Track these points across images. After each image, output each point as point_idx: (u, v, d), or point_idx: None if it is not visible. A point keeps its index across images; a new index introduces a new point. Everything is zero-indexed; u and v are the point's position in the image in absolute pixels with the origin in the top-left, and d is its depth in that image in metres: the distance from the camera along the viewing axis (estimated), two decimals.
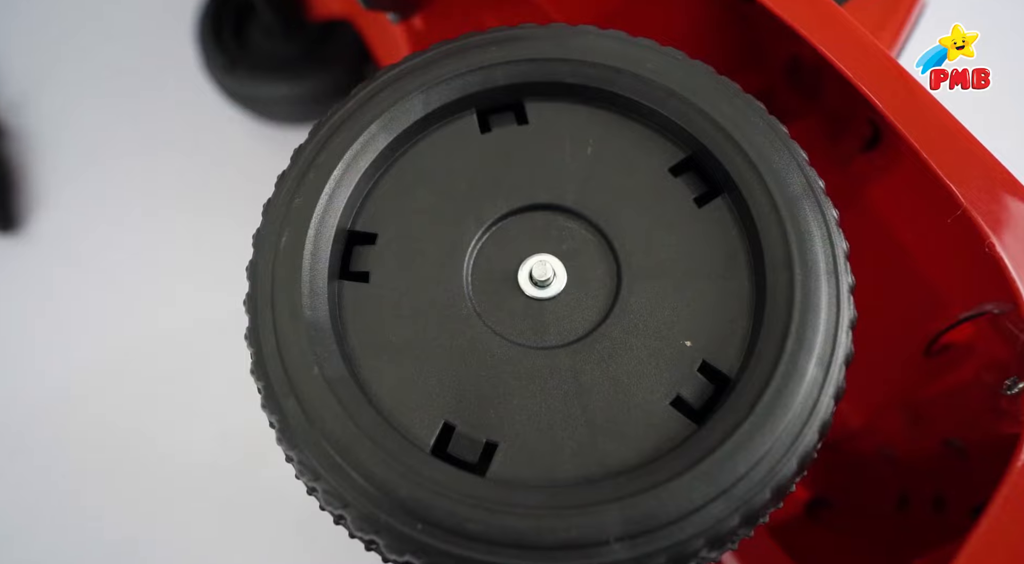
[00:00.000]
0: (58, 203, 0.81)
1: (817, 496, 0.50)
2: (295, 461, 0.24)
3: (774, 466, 0.23)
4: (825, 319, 0.24)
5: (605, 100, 0.29)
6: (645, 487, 0.22)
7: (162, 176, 0.81)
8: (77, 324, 0.75)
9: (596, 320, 0.27)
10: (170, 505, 0.67)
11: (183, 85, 0.82)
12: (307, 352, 0.24)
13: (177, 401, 0.70)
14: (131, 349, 0.73)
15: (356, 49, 0.70)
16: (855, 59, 0.30)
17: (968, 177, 0.28)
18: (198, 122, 0.82)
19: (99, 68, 0.87)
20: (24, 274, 0.78)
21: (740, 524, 0.22)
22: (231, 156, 0.80)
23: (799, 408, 0.23)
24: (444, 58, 0.28)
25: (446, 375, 0.26)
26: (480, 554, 0.22)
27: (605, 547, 0.22)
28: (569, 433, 0.25)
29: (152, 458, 0.69)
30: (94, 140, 0.84)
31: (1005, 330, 0.28)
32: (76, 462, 0.69)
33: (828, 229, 0.26)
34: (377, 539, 0.23)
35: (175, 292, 0.74)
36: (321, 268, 0.26)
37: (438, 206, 0.28)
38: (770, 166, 0.27)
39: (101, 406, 0.71)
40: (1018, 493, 0.24)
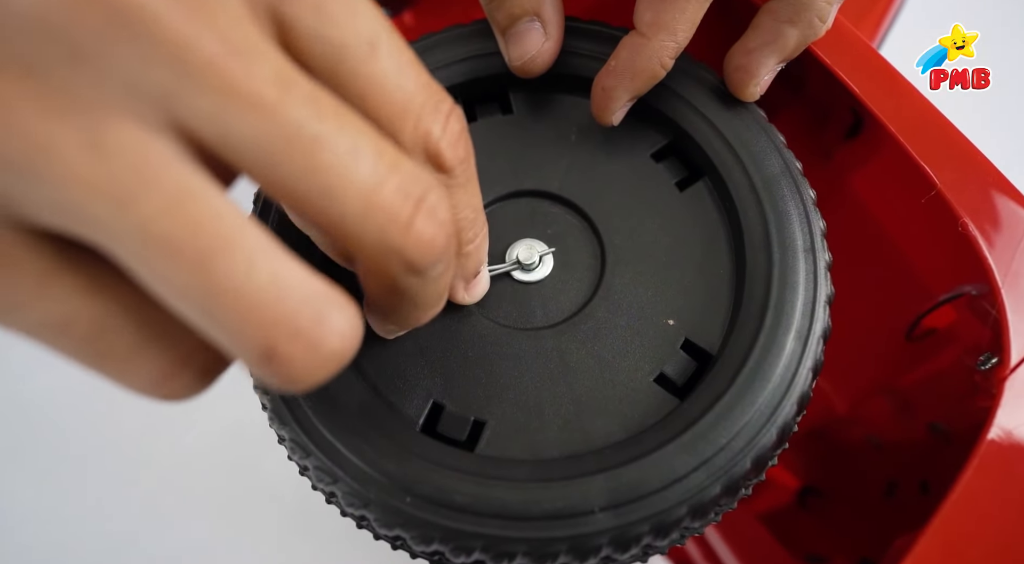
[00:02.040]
0: None
1: (807, 485, 0.50)
2: (287, 440, 0.25)
3: (754, 437, 0.23)
4: (803, 295, 0.25)
5: (587, 89, 0.29)
6: (629, 458, 0.23)
7: None
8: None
9: (581, 301, 0.27)
10: (170, 500, 0.67)
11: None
12: None
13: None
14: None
15: None
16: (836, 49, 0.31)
17: (942, 159, 0.28)
18: None
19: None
20: None
21: (722, 493, 0.23)
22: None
23: (778, 380, 0.24)
24: (429, 50, 0.29)
25: (434, 356, 0.26)
26: (468, 525, 0.22)
27: (590, 516, 0.22)
28: (555, 410, 0.25)
29: (152, 453, 0.69)
30: None
31: (981, 310, 0.29)
32: (77, 458, 0.69)
33: (805, 208, 0.26)
34: (367, 514, 0.23)
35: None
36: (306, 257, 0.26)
37: None
38: (748, 149, 0.27)
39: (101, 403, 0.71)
40: (989, 461, 0.24)
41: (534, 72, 0.29)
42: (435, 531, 0.23)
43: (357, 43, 0.16)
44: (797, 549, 0.46)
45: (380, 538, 0.25)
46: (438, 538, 0.23)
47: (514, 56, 0.29)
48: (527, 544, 0.22)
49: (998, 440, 0.25)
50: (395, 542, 0.25)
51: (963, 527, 0.24)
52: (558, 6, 0.28)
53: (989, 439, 0.25)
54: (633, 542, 0.23)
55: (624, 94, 0.27)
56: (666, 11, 0.26)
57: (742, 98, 0.28)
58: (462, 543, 0.22)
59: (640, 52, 0.27)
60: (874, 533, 0.41)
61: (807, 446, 0.49)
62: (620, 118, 0.28)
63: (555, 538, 0.22)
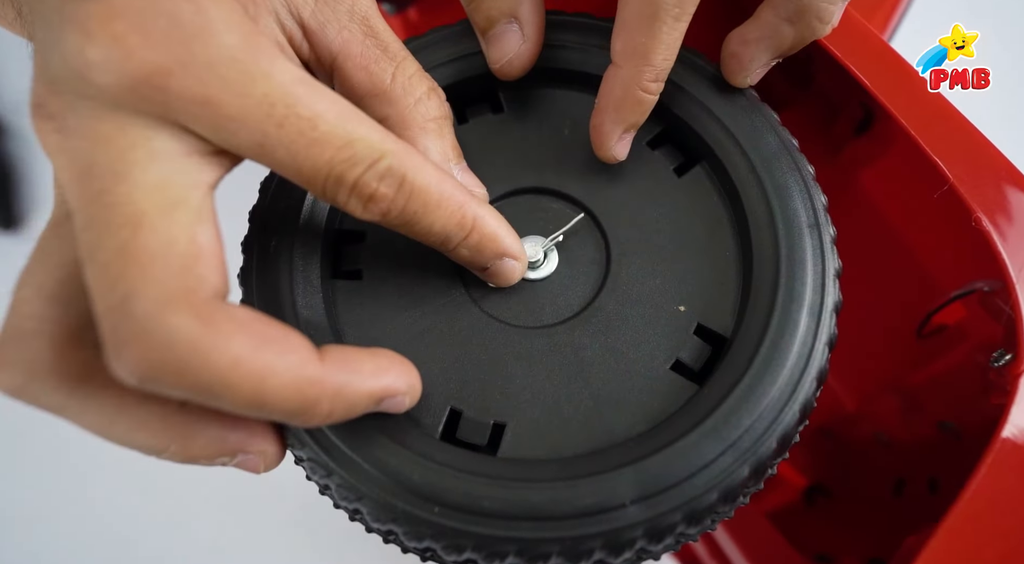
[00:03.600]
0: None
1: (815, 483, 0.50)
2: (305, 461, 0.24)
3: (777, 416, 0.23)
4: (811, 270, 0.25)
5: (577, 82, 0.29)
6: (654, 449, 0.23)
7: None
8: None
9: (590, 295, 0.27)
10: (171, 499, 0.67)
11: None
12: None
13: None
14: None
15: None
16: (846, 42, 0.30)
17: (955, 154, 0.28)
18: None
19: None
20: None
21: (750, 475, 0.23)
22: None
23: (795, 358, 0.24)
24: (415, 53, 0.29)
25: (448, 362, 0.26)
26: (499, 530, 0.22)
27: (622, 510, 0.22)
28: (575, 407, 0.25)
29: None
30: None
31: (994, 307, 0.28)
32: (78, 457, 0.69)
33: (806, 184, 0.26)
34: (395, 528, 0.23)
35: None
36: (312, 269, 0.26)
37: None
38: (744, 129, 0.27)
39: None
40: (1003, 459, 0.24)
41: (513, 74, 0.29)
42: (467, 539, 0.22)
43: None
44: (806, 549, 0.46)
45: (408, 551, 0.25)
46: (470, 546, 0.22)
47: (493, 58, 0.28)
48: (560, 544, 0.22)
49: (1013, 438, 0.25)
50: (425, 554, 0.25)
51: (977, 526, 0.24)
52: (537, 6, 0.28)
53: (1004, 437, 0.24)
54: (667, 532, 0.22)
55: (615, 128, 0.27)
56: (636, 38, 0.25)
57: (732, 84, 0.28)
58: (495, 549, 0.22)
59: (616, 83, 0.26)
60: (883, 532, 0.41)
61: (815, 445, 0.48)
62: (624, 152, 0.28)
63: (588, 535, 0.22)
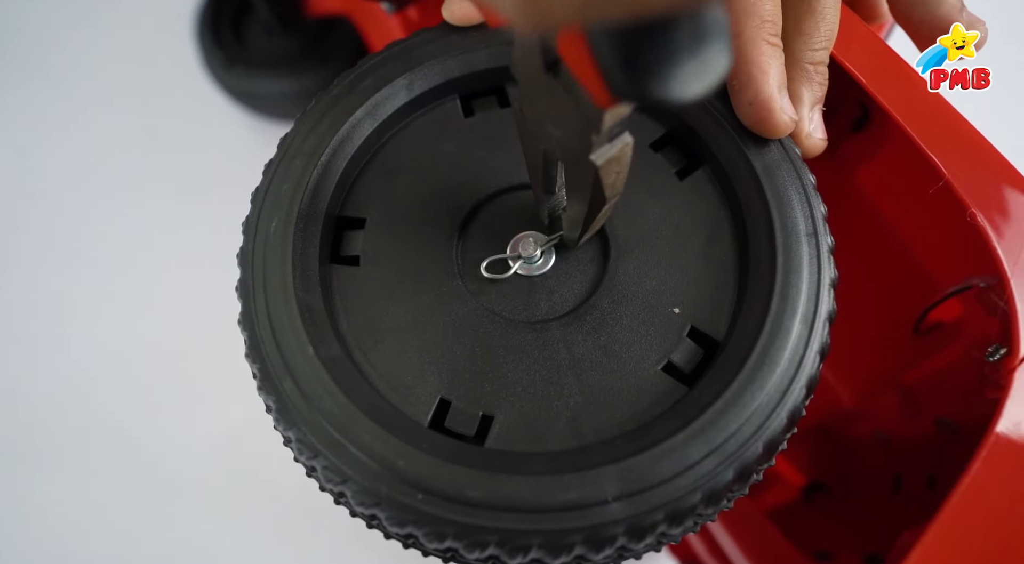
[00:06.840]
0: (57, 199, 0.82)
1: (814, 481, 0.50)
2: (293, 441, 0.24)
3: (764, 422, 0.23)
4: (807, 279, 0.25)
5: None
6: (640, 448, 0.23)
7: (161, 172, 0.81)
8: (76, 320, 0.75)
9: (586, 293, 0.27)
10: (171, 498, 0.68)
11: (182, 81, 0.82)
12: (301, 333, 0.24)
13: (169, 393, 0.71)
14: (128, 342, 0.74)
15: (354, 44, 0.71)
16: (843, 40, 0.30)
17: (951, 150, 0.28)
18: (197, 118, 0.82)
19: (98, 64, 0.87)
20: (24, 272, 0.79)
21: (735, 479, 0.23)
22: (229, 151, 0.80)
23: (786, 365, 0.24)
24: (426, 44, 0.29)
25: (440, 352, 0.26)
26: (482, 520, 0.22)
27: (604, 506, 0.22)
28: (564, 402, 0.25)
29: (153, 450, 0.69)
30: (92, 135, 0.84)
31: (990, 302, 0.28)
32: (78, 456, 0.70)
33: (806, 193, 0.26)
34: (378, 513, 0.23)
35: (170, 285, 0.75)
36: (312, 252, 0.26)
37: (425, 189, 0.28)
38: (748, 135, 0.27)
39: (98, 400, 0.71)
40: (997, 453, 0.24)
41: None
42: (449, 527, 0.22)
43: None
44: (804, 546, 0.46)
45: (391, 537, 0.25)
46: (452, 534, 0.22)
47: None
48: (542, 537, 0.22)
49: (1007, 432, 0.25)
50: (407, 540, 0.25)
51: (971, 520, 0.24)
52: None
53: (998, 431, 0.24)
54: (648, 531, 0.22)
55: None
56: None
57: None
58: (476, 538, 0.22)
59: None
60: (881, 529, 0.41)
61: (813, 442, 0.48)
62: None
63: (570, 529, 0.22)
